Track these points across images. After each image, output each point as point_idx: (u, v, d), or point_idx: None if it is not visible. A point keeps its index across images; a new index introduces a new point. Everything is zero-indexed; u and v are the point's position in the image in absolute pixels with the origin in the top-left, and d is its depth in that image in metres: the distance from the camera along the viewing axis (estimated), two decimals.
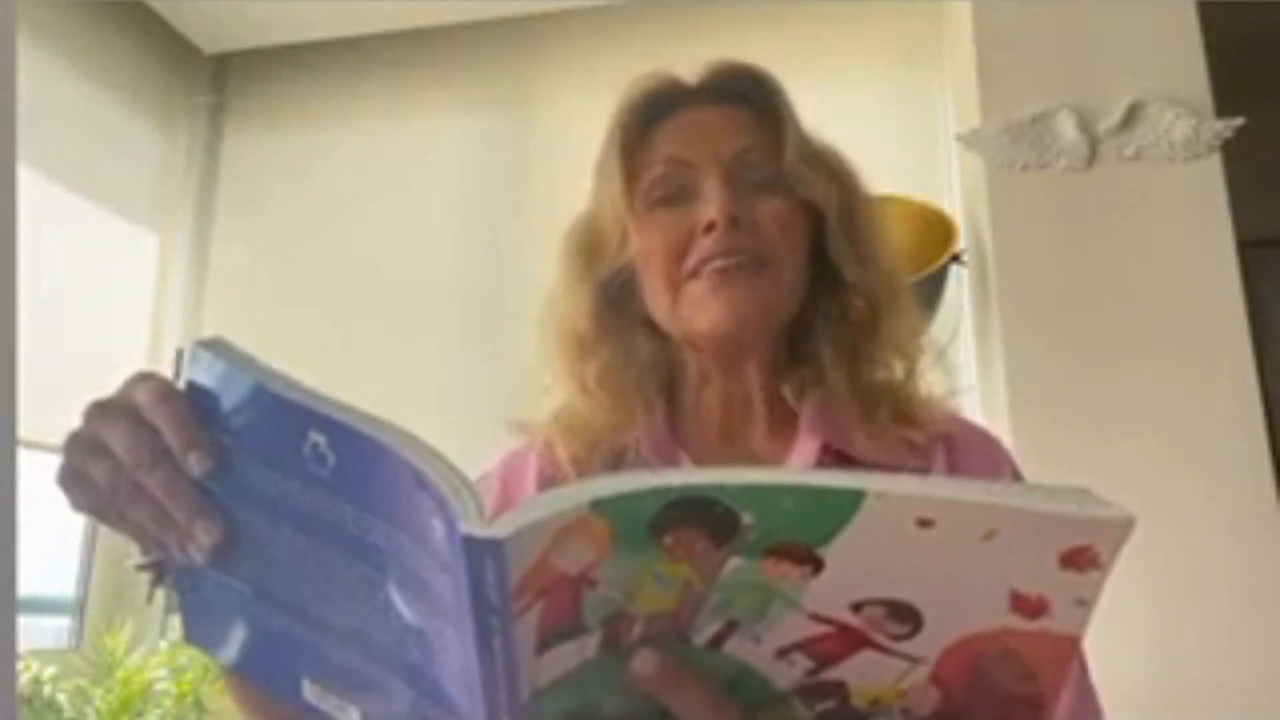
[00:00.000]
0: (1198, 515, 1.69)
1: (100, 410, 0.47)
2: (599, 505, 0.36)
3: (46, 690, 2.05)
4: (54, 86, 2.48)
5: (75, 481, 0.47)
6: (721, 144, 0.70)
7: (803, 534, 0.37)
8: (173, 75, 2.90)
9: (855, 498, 0.36)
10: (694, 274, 0.68)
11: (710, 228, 0.67)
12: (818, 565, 0.38)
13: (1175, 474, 1.71)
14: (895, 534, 0.37)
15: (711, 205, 0.68)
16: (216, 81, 2.98)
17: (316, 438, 0.42)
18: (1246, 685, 1.59)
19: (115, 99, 2.71)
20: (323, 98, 2.90)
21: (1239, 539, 1.68)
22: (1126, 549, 0.35)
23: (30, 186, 2.30)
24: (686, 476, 0.37)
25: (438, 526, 0.38)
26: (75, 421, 0.48)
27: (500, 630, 0.37)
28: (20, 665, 2.01)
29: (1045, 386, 1.82)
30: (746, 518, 0.37)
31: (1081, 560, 0.36)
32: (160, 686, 2.17)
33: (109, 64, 2.68)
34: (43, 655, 2.15)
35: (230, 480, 0.46)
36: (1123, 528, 0.35)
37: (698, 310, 0.69)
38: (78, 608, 2.46)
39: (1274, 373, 1.79)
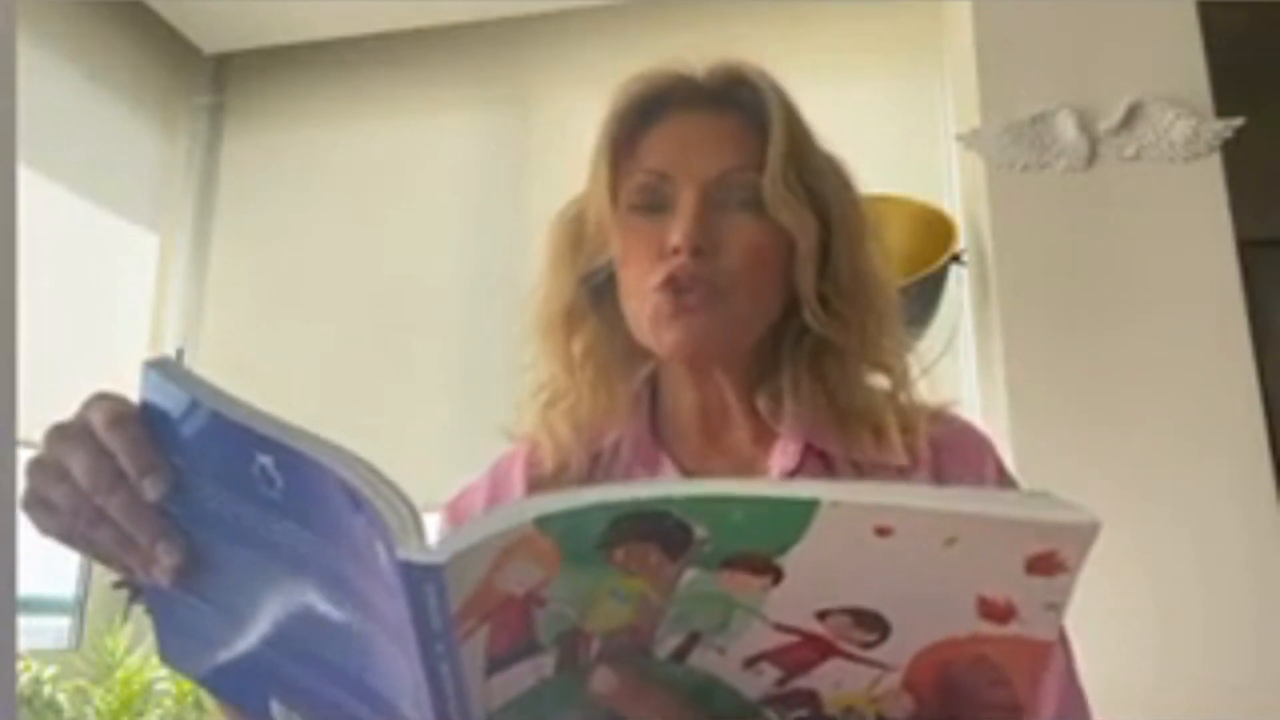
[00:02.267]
0: (1198, 515, 1.69)
1: (59, 434, 0.47)
2: (543, 522, 0.36)
3: (46, 690, 2.05)
4: (54, 86, 2.48)
5: (38, 505, 0.47)
6: (706, 162, 0.70)
7: (759, 544, 0.37)
8: (173, 75, 2.89)
9: (810, 507, 0.35)
10: (658, 289, 0.69)
11: (676, 251, 0.68)
12: (777, 575, 0.37)
13: (1176, 474, 1.71)
14: (854, 543, 0.36)
15: (678, 229, 0.68)
16: (216, 81, 2.97)
17: (263, 459, 0.41)
18: (1249, 684, 1.59)
19: (115, 99, 2.70)
20: (323, 98, 2.89)
21: (1240, 539, 1.67)
22: (1129, 549, 0.35)
23: (30, 186, 2.30)
24: (632, 490, 0.36)
25: (380, 551, 0.37)
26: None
27: (446, 656, 0.36)
28: (20, 665, 2.00)
29: (1045, 386, 1.81)
30: (699, 530, 0.36)
31: (1048, 565, 0.35)
32: (160, 686, 2.17)
33: (109, 64, 2.67)
34: (43, 655, 2.15)
35: (188, 502, 0.45)
36: (1086, 531, 0.34)
37: (659, 329, 0.69)
38: (78, 608, 2.46)
39: (1274, 373, 1.79)
